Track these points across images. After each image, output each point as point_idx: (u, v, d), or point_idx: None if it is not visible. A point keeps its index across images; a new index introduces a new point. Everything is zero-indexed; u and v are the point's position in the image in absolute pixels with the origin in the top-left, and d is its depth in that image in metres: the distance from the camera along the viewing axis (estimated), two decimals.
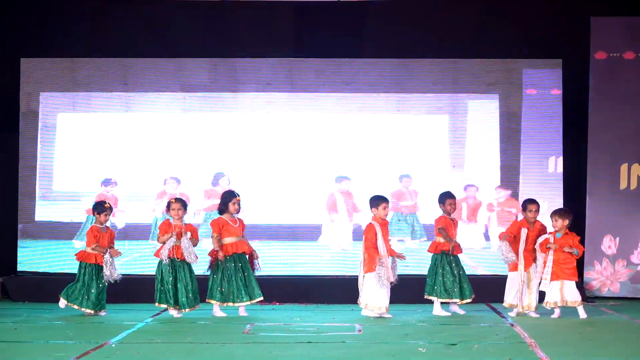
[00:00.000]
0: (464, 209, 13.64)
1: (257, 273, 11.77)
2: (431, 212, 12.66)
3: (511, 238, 11.65)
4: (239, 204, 11.83)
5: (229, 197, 11.83)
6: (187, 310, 11.56)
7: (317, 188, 13.77)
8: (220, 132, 13.85)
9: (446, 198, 12.07)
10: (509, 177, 13.79)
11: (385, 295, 11.49)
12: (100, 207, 12.03)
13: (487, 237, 13.72)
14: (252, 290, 11.75)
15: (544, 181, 13.71)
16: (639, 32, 13.52)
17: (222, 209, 11.84)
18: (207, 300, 11.70)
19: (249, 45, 13.87)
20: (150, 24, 13.92)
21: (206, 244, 12.18)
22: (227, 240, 11.71)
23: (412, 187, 13.79)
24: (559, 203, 13.25)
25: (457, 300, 11.82)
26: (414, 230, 13.76)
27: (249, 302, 11.76)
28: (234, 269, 11.71)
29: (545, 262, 11.51)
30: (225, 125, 13.85)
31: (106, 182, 13.74)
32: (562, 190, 13.63)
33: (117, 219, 13.53)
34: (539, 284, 11.56)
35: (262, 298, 11.78)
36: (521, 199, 13.25)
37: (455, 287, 11.79)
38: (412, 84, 13.84)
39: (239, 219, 11.80)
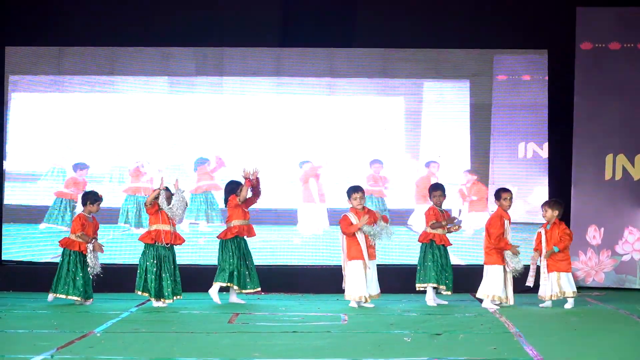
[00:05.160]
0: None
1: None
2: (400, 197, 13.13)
3: (503, 238, 11.67)
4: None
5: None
6: (171, 300, 11.56)
7: (297, 172, 13.79)
8: (202, 116, 13.82)
9: (433, 190, 12.12)
10: (479, 162, 13.82)
11: (363, 283, 11.53)
12: (94, 197, 11.98)
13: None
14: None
15: (515, 166, 13.77)
16: (624, 23, 13.52)
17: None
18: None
19: (236, 34, 13.87)
20: (137, 13, 13.86)
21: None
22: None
23: (382, 173, 13.78)
24: (528, 188, 13.40)
25: (443, 287, 11.86)
26: (383, 210, 13.71)
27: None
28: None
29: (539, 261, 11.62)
30: (209, 110, 13.83)
31: (81, 167, 13.65)
32: (533, 175, 13.71)
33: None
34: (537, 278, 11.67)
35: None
36: (491, 182, 13.33)
37: (443, 275, 11.84)
38: (393, 71, 13.84)
39: None
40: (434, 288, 11.86)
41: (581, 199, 13.50)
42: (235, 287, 11.92)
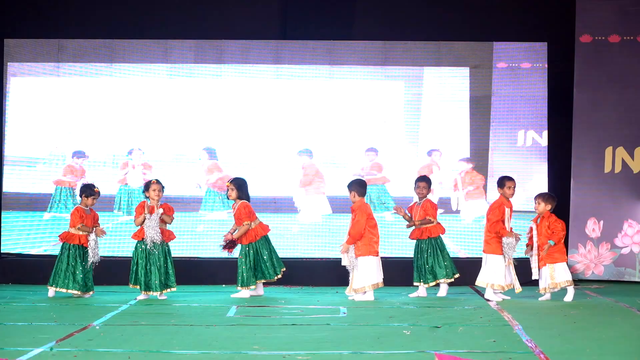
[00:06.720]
0: (435, 173, 13.54)
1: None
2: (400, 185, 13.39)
3: (501, 224, 11.62)
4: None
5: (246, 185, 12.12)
6: (158, 293, 11.55)
7: (294, 160, 13.81)
8: (201, 105, 13.85)
9: (415, 182, 12.17)
10: (478, 149, 13.81)
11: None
12: (89, 191, 11.99)
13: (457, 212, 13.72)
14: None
15: (514, 154, 13.79)
16: (624, 15, 13.52)
17: (245, 196, 12.08)
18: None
19: (235, 27, 13.87)
20: (137, 6, 13.85)
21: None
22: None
23: (377, 160, 13.75)
24: (528, 176, 13.47)
25: (418, 283, 11.93)
26: (382, 202, 13.70)
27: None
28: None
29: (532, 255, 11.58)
30: (208, 98, 13.85)
31: (78, 155, 13.63)
32: (532, 163, 13.72)
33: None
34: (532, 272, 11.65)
35: None
36: (490, 171, 13.37)
37: (417, 270, 11.93)
38: (393, 61, 13.84)
39: None
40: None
41: (581, 191, 13.50)
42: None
